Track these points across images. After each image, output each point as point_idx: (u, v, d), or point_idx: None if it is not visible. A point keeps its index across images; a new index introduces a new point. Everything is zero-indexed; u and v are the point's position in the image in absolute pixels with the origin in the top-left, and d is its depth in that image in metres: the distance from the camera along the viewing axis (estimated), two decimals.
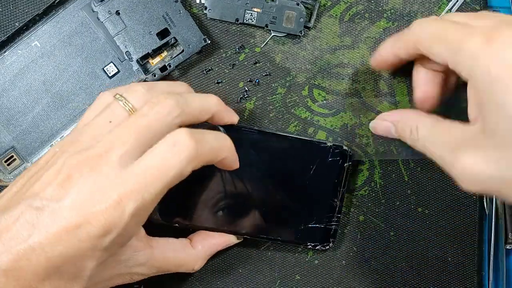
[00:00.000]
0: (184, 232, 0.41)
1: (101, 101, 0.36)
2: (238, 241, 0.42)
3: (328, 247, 0.43)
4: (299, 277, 0.45)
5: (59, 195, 0.31)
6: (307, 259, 0.45)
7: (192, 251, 0.40)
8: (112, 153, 0.31)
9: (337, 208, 0.42)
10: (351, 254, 0.45)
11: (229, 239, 0.42)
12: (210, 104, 0.37)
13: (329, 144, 0.42)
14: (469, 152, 0.32)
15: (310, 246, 0.43)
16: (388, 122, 0.41)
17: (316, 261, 0.45)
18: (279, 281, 0.45)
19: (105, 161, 0.31)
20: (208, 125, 0.38)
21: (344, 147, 0.42)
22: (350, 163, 0.42)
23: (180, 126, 0.34)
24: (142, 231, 0.37)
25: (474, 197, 0.45)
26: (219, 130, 0.39)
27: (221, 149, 0.35)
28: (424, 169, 0.45)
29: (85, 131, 0.34)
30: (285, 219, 0.42)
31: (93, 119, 0.35)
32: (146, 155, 0.32)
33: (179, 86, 0.38)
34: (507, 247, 0.46)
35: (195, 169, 0.33)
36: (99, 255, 0.31)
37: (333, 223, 0.42)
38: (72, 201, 0.30)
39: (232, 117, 0.39)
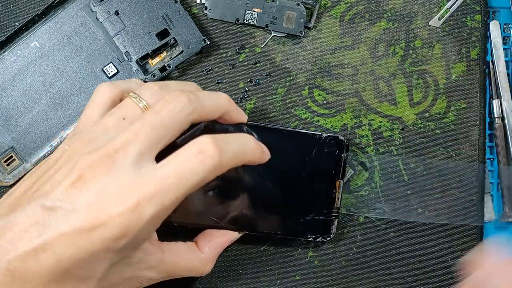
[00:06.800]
0: (182, 230, 0.41)
1: (102, 95, 0.35)
2: (240, 235, 0.42)
3: (329, 238, 0.43)
4: (299, 277, 0.45)
5: (71, 195, 0.30)
6: (307, 259, 0.45)
7: (201, 255, 0.39)
8: (127, 152, 0.31)
9: (336, 199, 0.42)
10: (351, 254, 0.45)
11: (232, 235, 0.41)
12: (221, 102, 0.36)
13: (324, 135, 0.42)
14: None
15: (311, 239, 0.42)
16: None
17: (316, 261, 0.45)
18: (279, 281, 0.45)
19: (120, 161, 0.31)
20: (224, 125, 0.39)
21: (340, 138, 0.42)
22: (347, 153, 0.42)
23: (192, 123, 0.34)
24: (155, 234, 0.37)
25: (475, 197, 0.45)
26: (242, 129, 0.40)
27: (245, 154, 0.34)
28: (424, 169, 0.45)
29: (97, 128, 0.33)
30: (284, 213, 0.42)
31: (106, 117, 0.34)
32: (168, 160, 0.31)
33: (189, 86, 0.38)
34: None
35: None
36: (111, 257, 0.31)
37: (332, 214, 0.42)
38: (85, 203, 0.30)
39: (241, 117, 0.39)
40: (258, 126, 0.40)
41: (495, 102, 0.46)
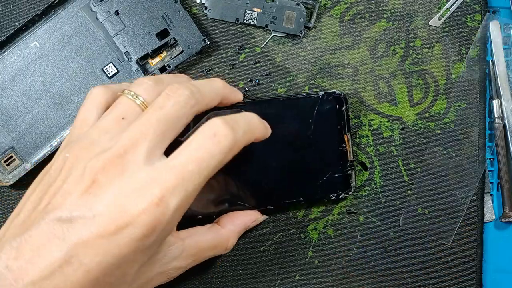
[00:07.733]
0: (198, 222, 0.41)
1: (97, 98, 0.35)
2: (265, 218, 0.41)
3: (350, 192, 0.43)
4: (299, 277, 0.45)
5: (88, 202, 0.29)
6: (307, 259, 0.45)
7: (223, 231, 0.39)
8: (138, 150, 0.30)
9: (348, 153, 0.42)
10: (351, 254, 0.45)
11: (256, 216, 0.41)
12: (218, 89, 0.36)
13: (320, 93, 0.42)
14: None
15: (333, 197, 0.42)
16: None
17: (316, 261, 0.45)
18: (279, 281, 0.45)
19: (132, 159, 0.30)
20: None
21: (337, 92, 0.42)
22: (347, 105, 0.42)
23: (196, 114, 0.34)
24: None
25: (475, 197, 0.45)
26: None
27: (254, 130, 0.35)
28: (424, 169, 0.45)
29: (95, 131, 0.32)
30: (301, 179, 0.42)
31: (102, 118, 0.33)
32: (183, 148, 0.31)
33: (181, 78, 0.38)
34: None
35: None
36: (140, 258, 0.30)
37: (348, 168, 0.42)
38: (105, 206, 0.29)
39: (238, 96, 0.39)
40: (255, 101, 0.41)
41: (495, 102, 0.46)
